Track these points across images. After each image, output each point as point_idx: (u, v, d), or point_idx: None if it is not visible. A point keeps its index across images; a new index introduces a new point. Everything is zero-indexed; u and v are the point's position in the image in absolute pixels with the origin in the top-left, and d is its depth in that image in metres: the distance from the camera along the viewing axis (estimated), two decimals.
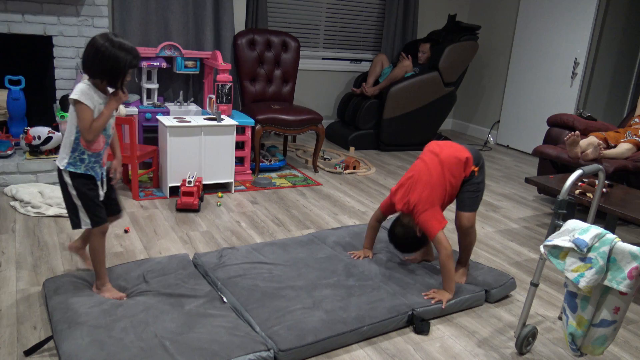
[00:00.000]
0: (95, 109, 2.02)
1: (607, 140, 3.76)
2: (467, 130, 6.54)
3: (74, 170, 2.07)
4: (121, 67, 2.01)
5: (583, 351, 1.87)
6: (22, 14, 3.61)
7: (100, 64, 1.99)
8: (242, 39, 4.61)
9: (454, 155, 2.42)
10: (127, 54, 2.01)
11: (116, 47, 1.98)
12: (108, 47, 1.97)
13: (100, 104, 2.04)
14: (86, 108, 1.99)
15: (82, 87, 2.00)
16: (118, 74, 2.02)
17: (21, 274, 2.42)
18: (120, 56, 1.99)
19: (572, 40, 5.22)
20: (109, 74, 2.01)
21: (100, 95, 2.04)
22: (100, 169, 2.15)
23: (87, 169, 2.09)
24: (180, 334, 1.96)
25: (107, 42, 1.98)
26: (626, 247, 1.71)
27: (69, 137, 2.06)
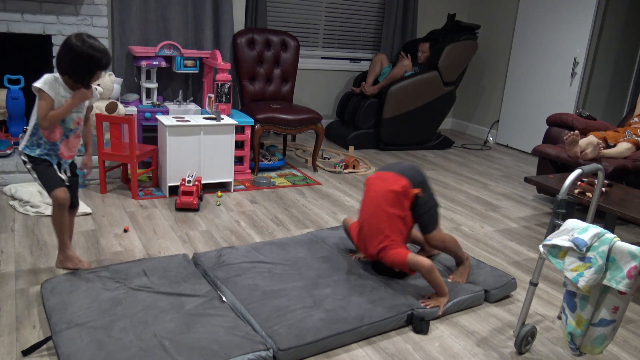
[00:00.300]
0: (57, 100, 2.13)
1: (606, 139, 3.76)
2: (467, 130, 6.55)
3: (28, 153, 2.21)
4: (89, 67, 2.12)
5: (582, 350, 1.87)
6: (21, 13, 3.61)
7: (70, 62, 2.10)
8: (242, 38, 4.61)
9: (389, 190, 2.38)
10: (97, 54, 2.11)
11: (87, 47, 2.09)
12: (79, 47, 2.08)
13: (64, 97, 2.15)
14: (46, 97, 2.10)
15: (47, 77, 2.12)
16: (85, 72, 2.13)
17: (20, 273, 2.42)
18: (90, 55, 2.09)
19: (572, 39, 5.22)
20: (77, 71, 2.12)
21: (66, 89, 2.15)
22: (57, 158, 2.26)
23: (42, 154, 2.22)
24: (180, 334, 1.96)
25: (79, 41, 2.09)
26: (625, 246, 1.71)
27: (32, 121, 2.19)
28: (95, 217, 3.10)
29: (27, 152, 2.21)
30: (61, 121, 2.19)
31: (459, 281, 2.53)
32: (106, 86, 3.57)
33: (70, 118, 2.22)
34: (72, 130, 2.26)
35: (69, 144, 2.28)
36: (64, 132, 2.23)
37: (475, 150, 5.72)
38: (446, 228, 3.42)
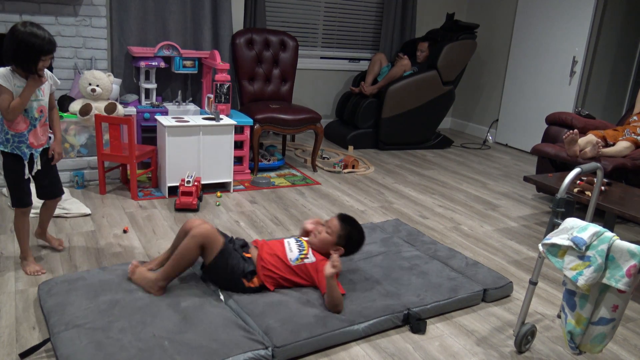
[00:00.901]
0: (15, 92, 2.18)
1: (605, 138, 3.76)
2: (466, 129, 6.55)
3: (2, 149, 2.27)
4: (32, 52, 2.13)
5: (582, 349, 1.87)
6: (19, 14, 3.60)
7: (14, 51, 2.14)
8: (241, 39, 4.61)
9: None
10: (37, 41, 2.13)
11: (27, 34, 2.11)
12: (21, 33, 2.11)
13: (20, 88, 2.19)
14: (4, 89, 2.15)
15: (2, 70, 2.16)
16: (29, 58, 2.15)
17: (20, 275, 2.42)
18: (30, 42, 2.12)
19: (571, 38, 5.22)
20: (21, 59, 2.15)
21: (20, 80, 2.20)
22: (28, 149, 2.31)
23: (13, 149, 2.27)
24: (178, 333, 1.96)
25: (22, 27, 2.13)
26: (624, 245, 1.71)
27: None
28: (95, 218, 3.10)
29: (1, 148, 2.27)
30: (24, 112, 2.25)
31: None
32: (105, 87, 3.56)
33: (31, 107, 2.27)
34: (37, 119, 2.31)
35: (37, 133, 2.32)
36: (30, 122, 2.28)
37: (475, 149, 5.72)
38: (446, 227, 3.42)
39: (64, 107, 3.56)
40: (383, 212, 3.58)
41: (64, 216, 3.07)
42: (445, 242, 3.16)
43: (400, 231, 3.11)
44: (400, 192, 4.05)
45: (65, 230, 2.91)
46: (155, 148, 3.65)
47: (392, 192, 4.05)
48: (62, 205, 3.15)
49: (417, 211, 3.67)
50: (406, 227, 3.20)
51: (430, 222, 3.48)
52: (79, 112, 3.45)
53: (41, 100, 2.32)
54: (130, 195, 3.47)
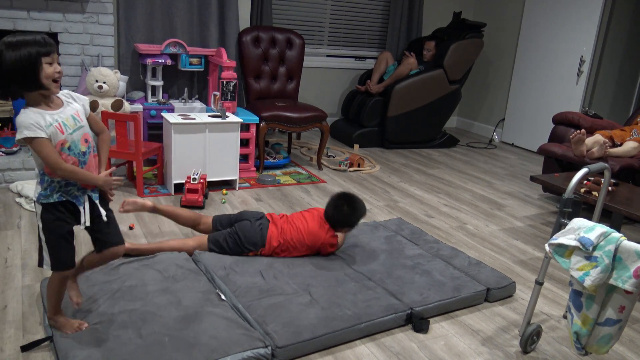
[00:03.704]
0: (52, 132, 1.69)
1: (612, 138, 3.74)
2: (472, 128, 6.53)
3: (45, 202, 1.77)
4: (26, 61, 1.63)
5: (588, 350, 1.87)
6: (27, 10, 3.62)
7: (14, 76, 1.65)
8: (247, 36, 4.61)
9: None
10: (29, 48, 1.63)
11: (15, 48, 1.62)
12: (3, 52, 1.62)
13: (52, 124, 1.70)
14: (40, 142, 1.67)
15: (21, 120, 1.68)
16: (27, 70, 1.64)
17: (27, 270, 2.43)
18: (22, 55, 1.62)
19: (578, 37, 5.19)
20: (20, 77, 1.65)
21: (47, 113, 1.71)
22: (80, 191, 1.81)
23: (61, 196, 1.77)
24: (179, 331, 1.97)
25: (3, 46, 1.63)
26: (632, 245, 1.70)
27: (36, 167, 1.79)
28: None
29: (42, 201, 1.76)
30: (67, 148, 1.74)
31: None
32: (112, 84, 3.57)
33: (74, 141, 1.76)
34: (86, 152, 1.81)
35: (91, 170, 1.83)
36: (78, 159, 1.78)
37: (481, 148, 5.71)
38: (451, 226, 3.41)
39: None
40: (388, 211, 3.58)
41: None
42: (451, 241, 3.16)
43: (403, 230, 3.11)
44: (406, 191, 4.04)
45: None
46: (162, 145, 3.66)
47: (398, 190, 4.04)
48: None
49: (423, 210, 3.66)
50: (409, 225, 3.19)
51: (435, 221, 3.47)
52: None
53: (82, 127, 1.80)
54: (136, 192, 3.48)
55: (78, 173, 1.75)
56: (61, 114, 1.74)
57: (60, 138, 1.72)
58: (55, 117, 1.72)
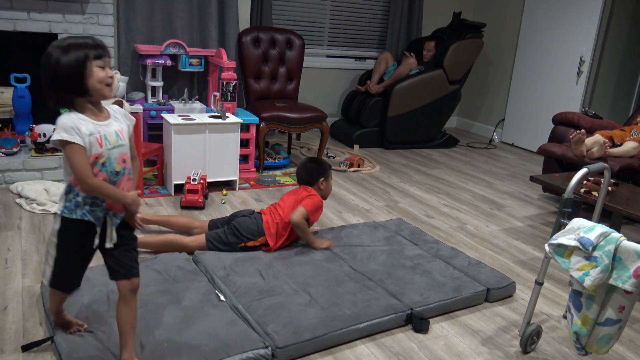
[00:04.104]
0: (90, 144, 1.59)
1: (612, 138, 3.74)
2: (472, 129, 6.53)
3: (68, 216, 1.66)
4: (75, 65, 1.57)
5: (588, 350, 1.87)
6: (27, 11, 3.62)
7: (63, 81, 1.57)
8: (247, 37, 4.61)
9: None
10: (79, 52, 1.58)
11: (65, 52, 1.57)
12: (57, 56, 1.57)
13: (94, 134, 1.60)
14: (76, 149, 1.56)
15: (63, 121, 1.57)
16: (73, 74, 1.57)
17: (27, 271, 2.43)
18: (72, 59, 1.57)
19: (578, 37, 5.19)
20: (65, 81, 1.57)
21: (91, 122, 1.61)
22: (104, 212, 1.68)
23: (84, 214, 1.65)
24: (179, 331, 1.97)
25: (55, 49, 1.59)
26: (632, 245, 1.70)
27: (64, 178, 1.68)
28: None
29: (65, 215, 1.66)
30: (102, 164, 1.62)
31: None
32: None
33: (110, 158, 1.63)
34: (119, 173, 1.67)
35: (124, 186, 1.70)
36: (110, 178, 1.65)
37: (481, 149, 5.71)
38: (451, 227, 3.41)
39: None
40: (388, 211, 3.58)
41: None
42: (451, 241, 3.16)
43: (403, 230, 3.11)
44: (406, 191, 4.05)
45: None
46: (162, 146, 3.66)
47: (398, 191, 4.04)
48: None
49: (423, 210, 3.67)
50: (409, 226, 3.19)
51: (435, 222, 3.47)
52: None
53: (123, 146, 1.68)
54: None
55: (105, 189, 1.62)
56: (105, 127, 1.63)
57: (97, 151, 1.61)
58: (98, 128, 1.61)
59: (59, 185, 3.36)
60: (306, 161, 2.99)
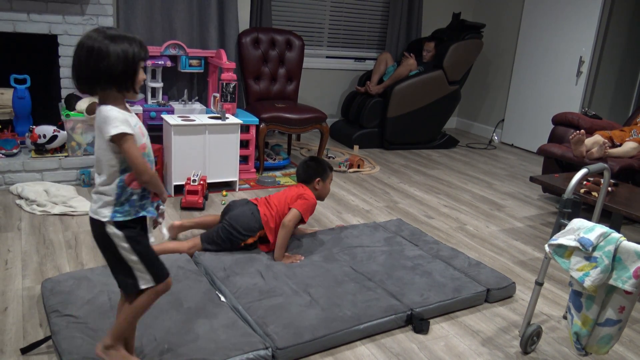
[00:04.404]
0: (137, 135, 1.56)
1: (612, 139, 3.74)
2: (472, 129, 6.53)
3: (123, 219, 1.58)
4: (129, 62, 1.51)
5: (588, 350, 1.87)
6: (27, 13, 3.62)
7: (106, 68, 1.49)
8: (247, 38, 4.61)
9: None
10: (132, 46, 1.52)
11: (113, 38, 1.50)
12: (106, 43, 1.50)
13: (137, 125, 1.58)
14: (133, 140, 1.53)
15: (115, 115, 1.51)
16: (127, 72, 1.52)
17: (27, 272, 2.43)
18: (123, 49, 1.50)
19: (578, 38, 5.20)
20: (120, 77, 1.52)
21: (128, 114, 1.56)
22: (150, 205, 1.66)
23: (138, 211, 1.61)
24: (179, 332, 1.97)
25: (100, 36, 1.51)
26: (632, 246, 1.70)
27: (108, 181, 1.57)
28: None
29: (119, 218, 1.57)
30: (147, 155, 1.62)
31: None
32: None
33: (149, 146, 1.65)
34: (154, 161, 1.70)
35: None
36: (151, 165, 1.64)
37: (480, 149, 5.71)
38: (451, 227, 3.41)
39: (71, 106, 3.58)
40: (388, 212, 3.58)
41: (70, 214, 3.09)
42: (451, 242, 3.16)
43: (403, 231, 3.11)
44: (406, 192, 4.05)
45: (71, 228, 2.92)
46: (161, 147, 3.66)
47: (398, 191, 4.05)
48: (69, 203, 3.17)
49: (423, 211, 3.67)
50: (409, 226, 3.19)
51: (435, 222, 3.47)
52: (86, 111, 3.47)
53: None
54: None
55: (157, 178, 1.61)
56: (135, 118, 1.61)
57: (142, 141, 1.59)
58: (134, 119, 1.58)
59: (58, 186, 3.36)
60: (307, 159, 2.95)
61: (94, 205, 1.59)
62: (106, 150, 1.55)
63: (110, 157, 1.55)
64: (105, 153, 1.55)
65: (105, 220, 1.57)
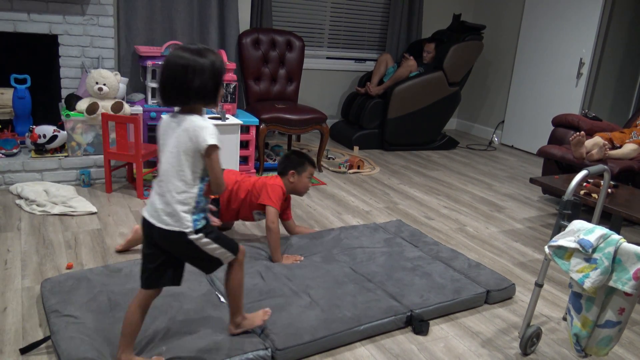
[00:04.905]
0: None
1: (612, 140, 3.75)
2: (472, 130, 6.53)
3: (201, 226, 1.68)
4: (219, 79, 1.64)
5: (588, 352, 1.87)
6: (27, 12, 3.62)
7: (208, 84, 1.60)
8: (247, 38, 4.61)
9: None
10: (221, 63, 1.66)
11: (216, 57, 1.64)
12: (210, 60, 1.63)
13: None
14: (219, 151, 1.62)
15: (210, 126, 1.60)
16: (218, 87, 1.64)
17: (26, 272, 2.43)
18: (220, 66, 1.64)
19: (578, 40, 5.20)
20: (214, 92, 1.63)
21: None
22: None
23: (206, 216, 1.73)
24: (179, 334, 1.97)
25: (198, 55, 1.62)
26: (631, 247, 1.70)
27: (186, 191, 1.64)
28: (101, 216, 3.11)
29: (199, 226, 1.68)
30: None
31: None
32: (112, 86, 3.58)
33: None
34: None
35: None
36: None
37: (480, 150, 5.71)
38: (451, 228, 3.41)
39: (71, 106, 3.58)
40: (388, 213, 3.58)
41: (69, 214, 3.09)
42: (450, 243, 3.16)
43: (402, 232, 3.11)
44: (406, 193, 4.05)
45: (71, 228, 2.92)
46: None
47: (398, 192, 4.05)
48: (69, 203, 3.17)
49: (422, 212, 3.67)
50: (408, 227, 3.19)
51: (435, 223, 3.47)
52: (86, 111, 3.47)
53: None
54: (136, 193, 3.48)
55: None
56: None
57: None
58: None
59: (58, 186, 3.36)
60: (289, 152, 2.92)
61: (166, 216, 1.64)
62: (190, 160, 1.61)
63: (194, 165, 1.62)
64: (188, 160, 1.61)
65: (188, 231, 1.65)
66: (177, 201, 1.63)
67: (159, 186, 1.66)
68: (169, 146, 1.64)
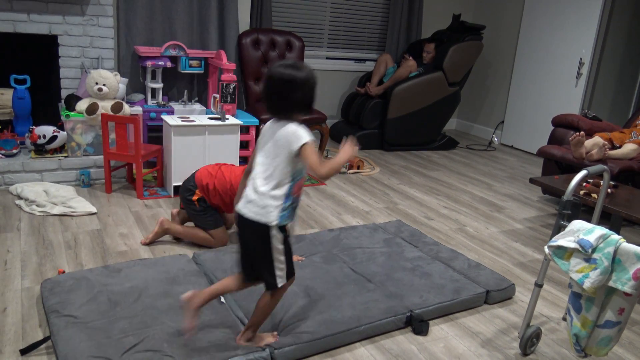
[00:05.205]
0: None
1: (612, 140, 3.75)
2: (472, 131, 6.53)
3: (284, 224, 1.80)
4: (313, 90, 1.82)
5: (587, 352, 1.87)
6: (27, 13, 3.62)
7: (306, 95, 1.79)
8: (247, 39, 4.61)
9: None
10: (311, 73, 1.80)
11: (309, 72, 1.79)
12: (307, 75, 1.78)
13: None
14: (313, 146, 1.76)
15: (304, 131, 1.76)
16: (312, 98, 1.83)
17: (26, 272, 2.43)
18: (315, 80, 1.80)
19: (578, 40, 5.20)
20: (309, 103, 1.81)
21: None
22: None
23: (292, 216, 1.84)
24: (178, 335, 1.96)
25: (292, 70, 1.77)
26: (631, 248, 1.70)
27: (277, 187, 1.77)
28: (101, 217, 3.11)
29: (283, 223, 1.80)
30: None
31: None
32: (112, 86, 3.58)
33: None
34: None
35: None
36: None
37: (480, 151, 5.71)
38: (451, 229, 3.41)
39: (71, 106, 3.58)
40: (388, 213, 3.58)
41: (69, 215, 3.09)
42: (450, 243, 3.16)
43: (402, 232, 3.11)
44: (406, 193, 4.05)
45: (71, 229, 2.92)
46: (161, 147, 3.66)
47: (397, 193, 4.05)
48: (68, 203, 3.17)
49: (422, 212, 3.67)
50: (408, 227, 3.19)
51: (435, 224, 3.47)
52: (86, 111, 3.47)
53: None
54: (136, 194, 3.48)
55: (334, 166, 1.75)
56: None
57: None
58: None
59: (58, 186, 3.36)
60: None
61: (256, 208, 1.77)
62: (284, 161, 1.76)
63: (286, 166, 1.76)
64: (282, 162, 1.76)
65: (272, 224, 1.76)
66: (271, 196, 1.77)
67: (254, 182, 1.81)
68: (267, 147, 1.82)
